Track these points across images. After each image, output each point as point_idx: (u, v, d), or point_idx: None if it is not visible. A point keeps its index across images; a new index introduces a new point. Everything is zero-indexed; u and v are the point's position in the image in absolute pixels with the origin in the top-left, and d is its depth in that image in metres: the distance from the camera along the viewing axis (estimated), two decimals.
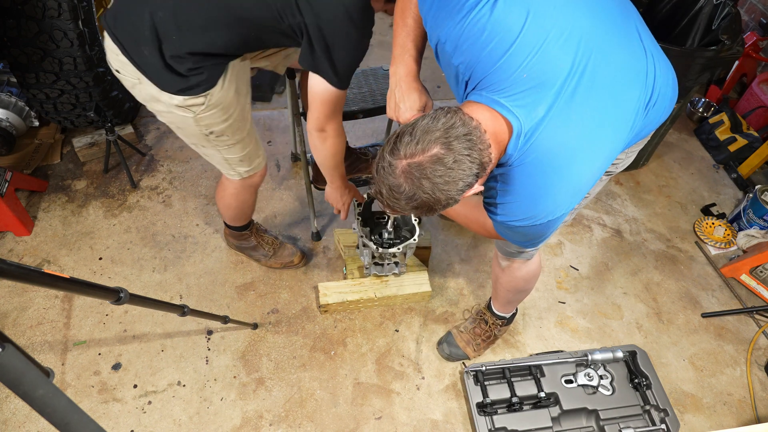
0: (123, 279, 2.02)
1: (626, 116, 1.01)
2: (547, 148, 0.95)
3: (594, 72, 0.94)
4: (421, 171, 0.90)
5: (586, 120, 0.96)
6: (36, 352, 1.79)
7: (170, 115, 1.36)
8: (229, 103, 1.38)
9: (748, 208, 2.38)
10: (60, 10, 1.89)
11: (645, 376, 1.78)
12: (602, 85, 0.96)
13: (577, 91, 0.94)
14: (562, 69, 0.93)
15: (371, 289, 1.95)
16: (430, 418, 1.74)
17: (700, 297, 2.18)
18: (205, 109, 1.34)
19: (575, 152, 0.96)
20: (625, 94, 1.00)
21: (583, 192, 1.03)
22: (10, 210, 1.99)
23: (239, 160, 1.57)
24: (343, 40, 1.24)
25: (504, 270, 1.58)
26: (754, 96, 2.84)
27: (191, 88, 1.28)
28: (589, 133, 0.97)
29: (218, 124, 1.40)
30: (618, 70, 0.98)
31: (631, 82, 1.00)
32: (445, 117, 0.91)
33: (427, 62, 2.09)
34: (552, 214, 1.02)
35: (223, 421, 1.68)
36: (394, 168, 0.93)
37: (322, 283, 1.94)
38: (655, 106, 1.07)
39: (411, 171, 0.91)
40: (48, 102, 2.14)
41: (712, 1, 2.15)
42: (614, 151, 1.03)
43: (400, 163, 0.92)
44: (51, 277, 0.84)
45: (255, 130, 1.59)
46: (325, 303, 1.89)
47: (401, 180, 0.92)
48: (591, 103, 0.95)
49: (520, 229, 1.08)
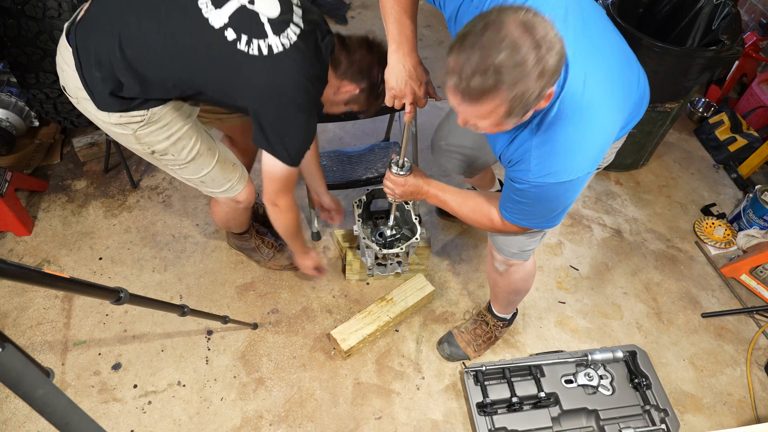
0: (123, 279, 2.02)
1: (628, 90, 1.11)
2: (582, 93, 0.99)
3: (600, 40, 1.05)
4: (535, 30, 0.82)
5: (607, 74, 1.04)
6: (36, 352, 1.80)
7: (112, 134, 1.34)
8: (173, 119, 1.33)
9: (748, 208, 2.38)
10: (60, 10, 1.89)
11: (645, 376, 1.78)
12: (609, 52, 1.06)
13: (594, 43, 1.02)
14: (576, 19, 1.01)
15: (381, 312, 1.90)
16: (430, 418, 1.74)
17: (700, 297, 2.18)
18: (143, 126, 1.29)
19: (604, 101, 1.03)
20: (626, 71, 1.11)
21: (603, 152, 1.08)
22: (10, 210, 1.99)
23: (200, 181, 1.52)
24: (294, 127, 1.28)
25: (502, 275, 1.57)
26: (754, 96, 2.84)
27: (130, 106, 1.25)
28: (611, 88, 1.05)
29: (160, 142, 1.34)
30: (616, 48, 1.10)
31: (628, 64, 1.13)
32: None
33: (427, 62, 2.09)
34: (582, 170, 1.05)
35: (223, 421, 1.68)
36: (503, 22, 0.83)
37: (333, 330, 1.84)
38: (641, 100, 1.18)
39: (528, 20, 0.83)
40: (48, 102, 2.14)
41: (712, 1, 2.15)
42: (620, 122, 1.10)
43: (513, 19, 0.83)
44: (51, 277, 0.84)
45: (222, 154, 1.52)
46: (348, 348, 1.80)
47: (516, 32, 0.82)
48: (607, 61, 1.05)
49: (547, 193, 1.08)
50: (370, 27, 3.39)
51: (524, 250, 1.45)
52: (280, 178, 1.36)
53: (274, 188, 1.39)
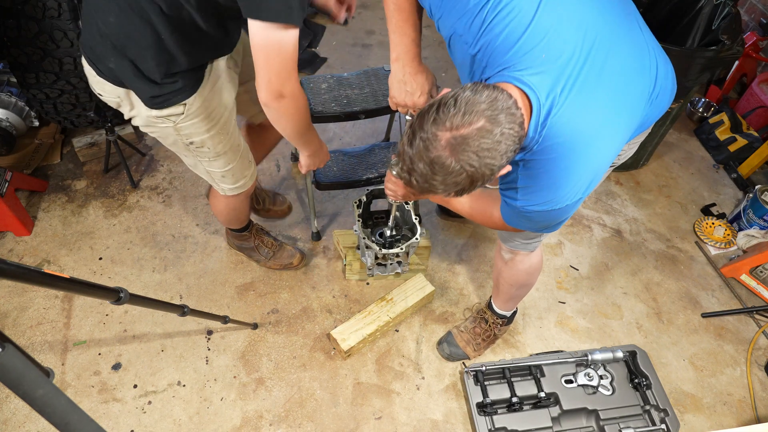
0: (123, 279, 2.02)
1: (636, 103, 1.05)
2: (568, 130, 0.96)
3: (605, 57, 0.98)
4: (467, 143, 0.85)
5: (603, 102, 0.98)
6: (36, 352, 1.80)
7: (151, 128, 1.34)
8: (212, 111, 1.35)
9: (748, 208, 2.38)
10: (60, 10, 1.89)
11: (645, 376, 1.78)
12: (614, 70, 1.00)
13: (592, 73, 0.97)
14: (576, 50, 0.95)
15: (381, 312, 1.90)
16: (430, 418, 1.74)
17: (700, 297, 2.18)
18: (185, 119, 1.30)
19: (595, 134, 0.98)
20: (634, 82, 1.05)
21: (600, 175, 1.05)
22: (10, 210, 1.99)
23: (221, 175, 1.54)
24: None
25: (507, 263, 1.58)
26: (754, 96, 2.84)
27: (168, 98, 1.25)
28: (606, 115, 0.99)
29: (200, 134, 1.36)
30: (626, 58, 1.03)
31: (638, 71, 1.05)
32: (487, 90, 0.88)
33: (427, 62, 2.09)
34: (571, 197, 1.03)
35: (223, 421, 1.68)
36: (437, 140, 0.86)
37: (333, 330, 1.84)
38: (658, 98, 1.11)
39: (457, 143, 0.85)
40: (48, 102, 2.14)
41: (712, 1, 2.15)
42: (627, 135, 1.06)
43: (445, 135, 0.85)
44: (51, 277, 0.84)
45: (244, 150, 1.54)
46: (348, 348, 1.80)
47: (445, 153, 0.86)
48: (606, 85, 0.99)
49: (538, 215, 1.08)
50: (369, 27, 3.39)
51: (528, 242, 1.46)
52: (283, 50, 1.08)
53: (278, 70, 1.10)
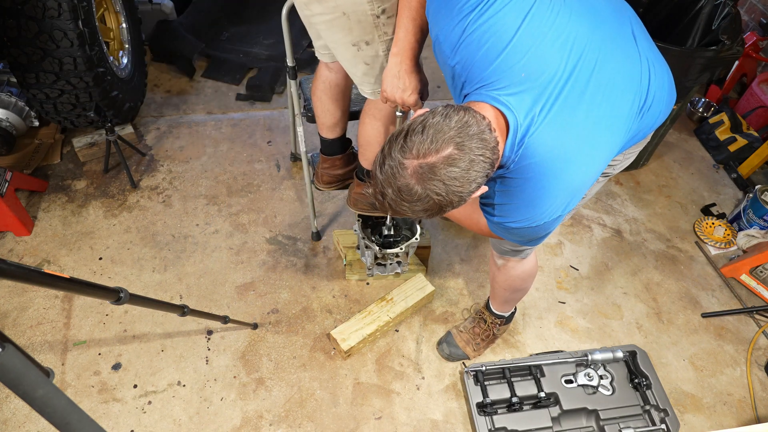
0: (123, 279, 2.02)
1: (622, 120, 1.02)
2: (545, 150, 0.95)
3: (590, 75, 0.95)
4: (434, 172, 0.85)
5: (583, 122, 0.96)
6: (36, 352, 1.79)
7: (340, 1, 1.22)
8: None
9: (748, 208, 2.38)
10: (60, 10, 1.89)
11: (645, 376, 1.78)
12: (598, 87, 0.96)
13: (574, 93, 0.94)
14: (558, 69, 0.93)
15: (381, 312, 1.90)
16: (430, 418, 1.74)
17: (700, 297, 2.18)
18: None
19: (573, 155, 0.96)
20: (620, 98, 1.01)
21: (580, 194, 1.03)
22: (10, 210, 1.99)
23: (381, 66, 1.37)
24: None
25: (500, 269, 1.58)
26: (754, 96, 2.84)
27: None
28: (586, 135, 0.97)
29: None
30: (614, 73, 0.99)
31: (625, 86, 1.02)
32: (458, 115, 0.87)
33: (427, 62, 2.09)
34: (549, 215, 1.02)
35: (223, 421, 1.68)
36: (404, 168, 0.87)
37: (333, 330, 1.84)
38: (650, 110, 1.08)
39: (423, 172, 0.86)
40: (48, 102, 2.14)
41: (712, 1, 2.15)
42: (611, 153, 1.03)
43: (412, 163, 0.86)
44: (51, 277, 0.84)
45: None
46: (348, 348, 1.80)
47: (412, 181, 0.87)
48: (588, 105, 0.96)
49: (517, 231, 1.08)
50: None
51: (517, 250, 1.45)
52: None
53: None
